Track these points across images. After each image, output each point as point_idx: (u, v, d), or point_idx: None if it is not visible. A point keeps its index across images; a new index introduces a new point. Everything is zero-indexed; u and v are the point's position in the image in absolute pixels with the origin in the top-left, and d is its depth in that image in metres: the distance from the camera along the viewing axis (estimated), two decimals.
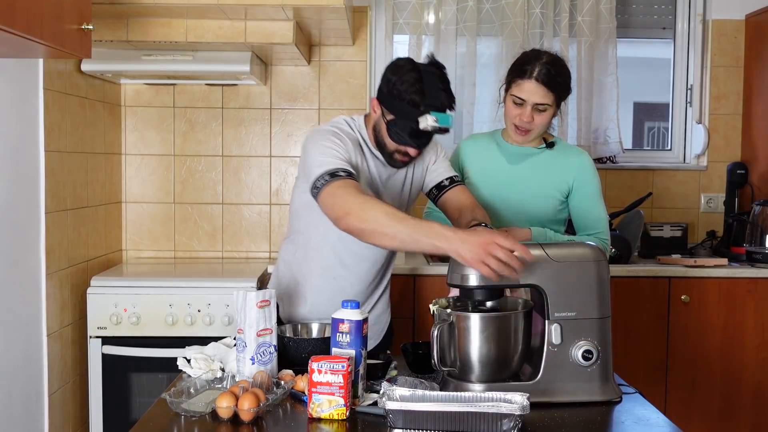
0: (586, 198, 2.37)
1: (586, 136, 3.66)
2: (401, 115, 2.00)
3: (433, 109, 1.96)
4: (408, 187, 2.23)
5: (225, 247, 3.65)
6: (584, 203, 2.38)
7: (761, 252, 3.35)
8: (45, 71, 2.66)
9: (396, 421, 1.56)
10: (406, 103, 1.98)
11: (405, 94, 1.97)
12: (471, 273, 1.74)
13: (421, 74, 1.98)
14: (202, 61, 3.06)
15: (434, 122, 1.96)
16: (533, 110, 2.26)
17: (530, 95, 2.25)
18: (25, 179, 2.57)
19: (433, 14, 3.69)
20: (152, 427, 1.60)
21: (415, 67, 2.00)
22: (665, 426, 1.63)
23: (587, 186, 2.37)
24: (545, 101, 2.25)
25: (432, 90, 1.98)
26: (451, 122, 2.00)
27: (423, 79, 1.98)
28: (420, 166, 2.25)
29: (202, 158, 3.63)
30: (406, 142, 2.03)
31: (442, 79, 2.01)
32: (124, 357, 2.93)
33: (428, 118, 1.96)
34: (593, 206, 2.38)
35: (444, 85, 2.01)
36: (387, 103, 2.03)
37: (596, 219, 2.38)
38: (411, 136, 2.01)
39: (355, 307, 1.79)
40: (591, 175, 2.38)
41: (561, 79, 2.26)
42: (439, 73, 2.02)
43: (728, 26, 3.73)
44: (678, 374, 3.26)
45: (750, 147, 3.69)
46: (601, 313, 1.76)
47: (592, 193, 2.38)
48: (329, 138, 2.04)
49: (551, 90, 2.24)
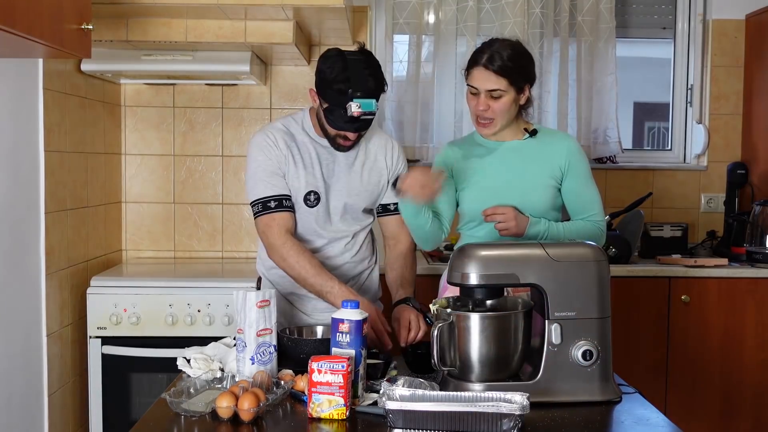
0: (578, 181, 2.31)
1: (586, 136, 3.66)
2: (333, 103, 2.14)
3: (357, 95, 2.10)
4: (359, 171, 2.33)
5: (225, 247, 3.65)
6: (576, 186, 2.31)
7: (761, 252, 3.35)
8: (45, 71, 2.66)
9: (396, 421, 1.56)
10: (335, 91, 2.12)
11: (333, 83, 2.12)
12: (471, 272, 1.74)
13: (347, 62, 2.12)
14: (202, 61, 3.06)
15: (358, 108, 2.10)
16: (488, 98, 2.21)
17: (481, 82, 2.20)
18: (25, 179, 2.57)
19: (433, 14, 3.69)
20: (152, 427, 1.60)
21: (342, 56, 2.14)
22: (665, 426, 1.63)
23: (578, 168, 2.31)
24: (497, 86, 2.19)
25: (357, 77, 2.11)
26: (375, 107, 2.13)
27: (348, 67, 2.11)
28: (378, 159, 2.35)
29: (202, 158, 3.63)
30: (342, 128, 2.18)
31: (367, 64, 2.15)
32: (124, 357, 2.93)
33: (352, 105, 2.10)
34: (585, 189, 2.32)
35: (370, 70, 2.14)
36: (321, 93, 2.17)
37: (589, 201, 2.33)
38: (346, 121, 2.15)
39: (354, 307, 1.79)
40: (580, 158, 2.32)
41: (512, 63, 2.19)
42: (365, 60, 2.15)
43: (728, 26, 3.73)
44: (678, 374, 3.26)
45: (750, 147, 3.69)
46: (601, 313, 1.76)
47: (583, 175, 2.32)
48: (260, 150, 2.25)
49: (502, 75, 2.18)
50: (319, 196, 2.29)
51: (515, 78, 2.19)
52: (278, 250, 2.22)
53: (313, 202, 2.29)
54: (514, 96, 2.22)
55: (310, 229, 2.32)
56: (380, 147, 2.37)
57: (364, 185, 2.34)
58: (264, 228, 2.24)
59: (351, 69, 2.11)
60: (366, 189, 2.34)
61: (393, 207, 2.38)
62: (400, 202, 2.29)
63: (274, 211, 2.23)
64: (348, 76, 2.10)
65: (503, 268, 1.75)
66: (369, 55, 2.18)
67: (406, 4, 3.65)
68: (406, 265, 2.39)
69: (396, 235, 2.40)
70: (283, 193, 2.25)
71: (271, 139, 2.26)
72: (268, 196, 2.24)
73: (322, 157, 2.29)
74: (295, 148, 2.27)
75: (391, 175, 2.37)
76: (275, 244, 2.22)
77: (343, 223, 2.35)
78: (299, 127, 2.31)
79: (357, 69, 2.11)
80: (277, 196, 2.24)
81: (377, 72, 2.16)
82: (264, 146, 2.26)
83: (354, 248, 2.38)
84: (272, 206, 2.23)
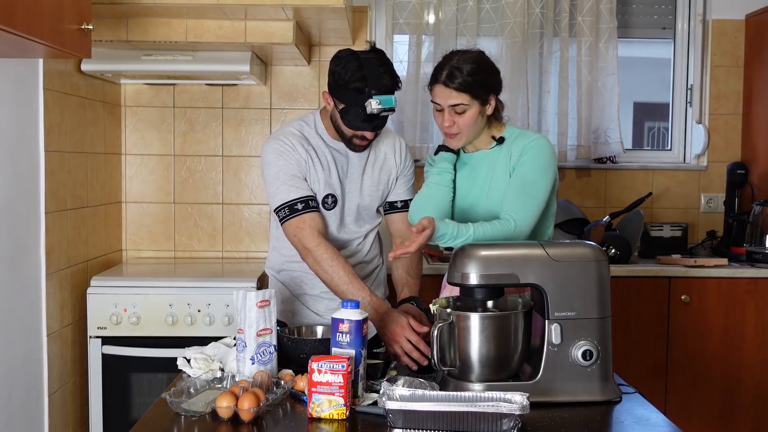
0: (514, 178, 2.12)
1: (586, 136, 3.66)
2: (350, 103, 2.13)
3: (375, 92, 2.10)
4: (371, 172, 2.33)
5: (225, 247, 3.65)
6: (511, 183, 2.13)
7: (761, 252, 3.35)
8: (45, 71, 2.66)
9: (396, 420, 1.56)
10: (352, 90, 2.11)
11: (349, 82, 2.11)
12: (471, 272, 1.74)
13: (361, 62, 2.12)
14: (202, 61, 3.06)
15: (378, 105, 2.10)
16: (452, 113, 2.12)
17: (443, 99, 2.12)
18: (25, 179, 2.57)
19: (433, 14, 3.69)
20: (152, 427, 1.60)
21: (355, 55, 2.13)
22: (665, 426, 1.63)
23: (522, 166, 2.12)
24: (459, 101, 2.10)
25: (373, 75, 2.11)
26: (394, 102, 2.13)
27: (364, 66, 2.11)
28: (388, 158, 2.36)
29: (202, 158, 3.63)
30: (360, 127, 2.17)
31: (381, 62, 2.14)
32: (124, 357, 2.93)
33: (372, 102, 2.09)
34: (515, 187, 2.11)
35: (385, 68, 2.14)
36: (336, 94, 2.16)
37: (511, 200, 2.09)
38: (363, 120, 2.14)
39: (354, 307, 1.79)
40: (530, 157, 2.12)
41: (471, 78, 2.09)
42: (378, 58, 2.15)
43: (728, 26, 3.73)
44: (678, 374, 3.26)
45: (750, 147, 3.69)
46: (601, 313, 1.76)
47: (522, 173, 2.11)
48: (278, 155, 2.23)
49: (462, 91, 2.10)
50: (336, 198, 2.29)
51: (476, 92, 2.11)
52: (312, 253, 2.17)
53: (330, 205, 2.28)
54: (479, 108, 2.13)
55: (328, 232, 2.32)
56: (389, 146, 2.38)
57: (376, 185, 2.35)
58: (295, 231, 2.20)
59: (366, 68, 2.10)
60: (378, 189, 2.35)
61: (400, 204, 2.38)
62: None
63: (303, 213, 2.20)
64: (364, 74, 2.09)
65: (503, 268, 1.75)
66: (382, 54, 2.17)
67: (406, 4, 3.65)
68: (412, 263, 2.38)
69: (403, 233, 2.39)
70: (308, 194, 2.23)
71: (288, 144, 2.24)
72: (293, 199, 2.21)
73: (337, 160, 2.29)
74: (312, 152, 2.26)
75: (399, 173, 2.38)
76: (309, 246, 2.18)
77: (356, 225, 2.36)
78: (313, 131, 2.30)
79: (372, 67, 2.11)
80: (303, 198, 2.21)
81: (391, 69, 2.16)
82: (282, 151, 2.24)
83: (364, 249, 2.39)
84: (300, 208, 2.20)
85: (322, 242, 2.18)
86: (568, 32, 3.63)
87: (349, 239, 2.35)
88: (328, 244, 2.19)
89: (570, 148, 3.65)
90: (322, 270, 2.17)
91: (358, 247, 2.37)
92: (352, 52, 2.15)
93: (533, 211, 2.10)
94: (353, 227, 2.35)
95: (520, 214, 2.07)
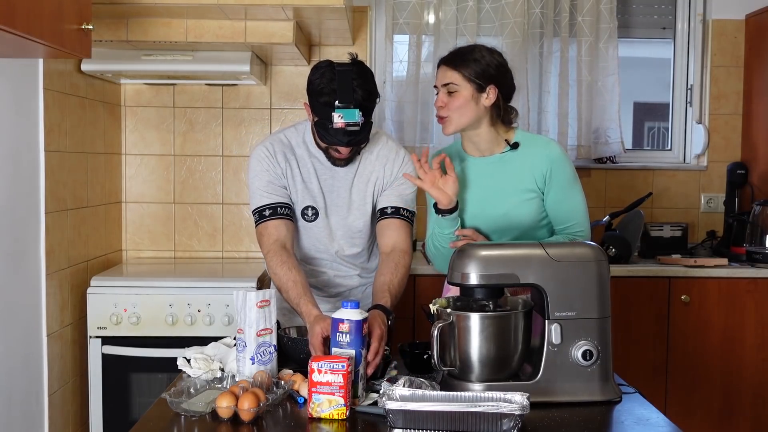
0: (559, 190, 2.17)
1: (587, 136, 3.66)
2: (321, 116, 2.06)
3: (340, 106, 2.01)
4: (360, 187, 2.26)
5: (225, 247, 3.65)
6: (557, 195, 2.17)
7: (761, 252, 3.35)
8: (45, 71, 2.66)
9: (396, 421, 1.56)
10: (321, 104, 2.05)
11: (320, 95, 2.05)
12: (471, 272, 1.74)
13: (335, 74, 2.04)
14: (202, 61, 3.06)
15: (340, 119, 2.02)
16: (444, 94, 2.15)
17: (439, 79, 2.17)
18: (25, 179, 2.57)
19: (433, 14, 3.69)
20: (152, 427, 1.60)
21: (331, 67, 2.06)
22: (665, 426, 1.63)
23: (559, 176, 2.16)
24: (451, 80, 2.12)
25: (343, 88, 2.03)
26: (357, 117, 2.02)
27: (336, 78, 2.03)
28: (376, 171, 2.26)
29: (202, 158, 3.63)
30: (331, 141, 2.09)
31: (358, 74, 2.05)
32: (124, 357, 2.93)
33: (334, 116, 2.02)
34: (565, 198, 2.17)
35: (360, 81, 2.05)
36: (311, 105, 2.12)
37: (569, 211, 2.18)
38: (332, 134, 2.06)
39: (354, 307, 1.79)
40: (562, 165, 2.17)
41: (470, 56, 2.13)
42: (356, 70, 2.06)
43: (728, 26, 3.73)
44: (678, 374, 3.26)
45: (750, 147, 3.69)
46: (601, 313, 1.76)
47: (564, 183, 2.17)
48: (258, 161, 2.22)
49: (454, 68, 2.12)
50: (317, 211, 2.25)
51: (469, 73, 2.11)
52: (265, 258, 2.19)
53: (311, 217, 2.26)
54: (472, 92, 2.12)
55: (314, 246, 2.30)
56: (382, 158, 2.27)
57: (363, 199, 2.27)
58: (258, 237, 2.23)
59: (339, 80, 2.03)
60: (365, 203, 2.27)
61: (390, 211, 2.25)
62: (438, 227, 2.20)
63: (267, 220, 2.20)
64: (334, 87, 2.02)
65: (503, 268, 1.75)
66: (360, 65, 2.09)
67: (406, 4, 3.65)
68: (396, 273, 2.17)
69: (391, 242, 2.23)
70: (279, 201, 2.21)
71: (270, 151, 2.23)
72: (263, 205, 2.21)
73: (320, 172, 2.25)
74: (294, 161, 2.24)
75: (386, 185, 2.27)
76: (263, 252, 2.21)
77: (346, 241, 2.29)
78: (300, 139, 2.26)
79: (345, 80, 2.03)
80: (271, 205, 2.20)
81: (367, 83, 2.06)
82: (262, 157, 2.23)
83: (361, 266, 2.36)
84: (267, 215, 2.20)
85: (273, 248, 2.16)
86: (568, 32, 3.63)
87: (342, 254, 2.30)
88: (280, 252, 2.14)
89: (570, 148, 3.65)
90: (273, 274, 2.16)
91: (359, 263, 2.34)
92: (329, 63, 2.09)
93: (587, 214, 2.22)
94: (343, 243, 2.29)
95: (584, 224, 2.20)
